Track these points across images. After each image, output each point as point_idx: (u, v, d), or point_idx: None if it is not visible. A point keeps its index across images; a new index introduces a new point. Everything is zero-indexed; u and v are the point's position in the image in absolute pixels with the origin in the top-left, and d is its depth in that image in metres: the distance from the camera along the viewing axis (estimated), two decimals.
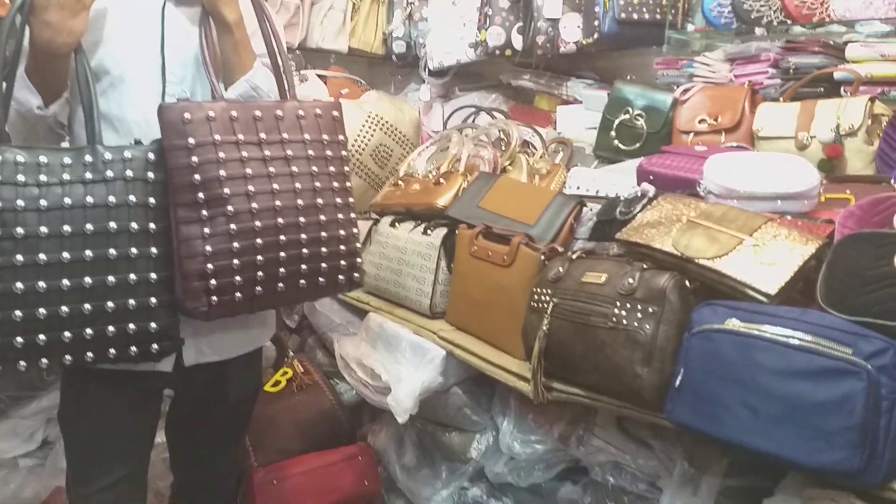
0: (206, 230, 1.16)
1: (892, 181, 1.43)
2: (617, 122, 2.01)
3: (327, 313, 2.16)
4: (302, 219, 1.25)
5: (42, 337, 1.09)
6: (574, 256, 1.42)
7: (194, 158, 1.15)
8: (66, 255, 1.11)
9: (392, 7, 2.98)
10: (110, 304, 1.14)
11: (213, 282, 1.17)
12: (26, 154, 1.11)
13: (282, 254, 1.23)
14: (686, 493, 1.31)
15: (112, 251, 1.14)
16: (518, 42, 2.46)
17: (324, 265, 1.30)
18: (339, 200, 1.32)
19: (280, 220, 1.22)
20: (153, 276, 1.18)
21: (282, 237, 1.22)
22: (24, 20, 1.15)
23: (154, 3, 1.32)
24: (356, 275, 1.38)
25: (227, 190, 1.17)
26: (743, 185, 1.40)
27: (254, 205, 1.19)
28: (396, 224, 1.94)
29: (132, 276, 1.16)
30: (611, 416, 1.47)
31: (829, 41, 1.83)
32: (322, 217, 1.28)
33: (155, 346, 1.20)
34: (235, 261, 1.18)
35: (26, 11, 1.14)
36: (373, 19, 3.00)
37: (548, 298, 1.38)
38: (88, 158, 1.15)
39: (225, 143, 1.18)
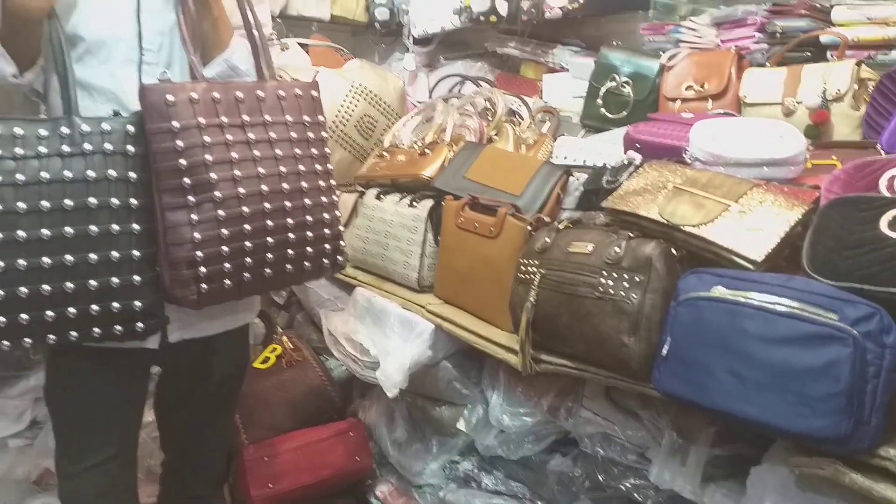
0: (194, 217, 1.14)
1: (879, 146, 1.42)
2: (603, 89, 1.99)
3: (315, 289, 2.15)
4: (288, 203, 1.23)
5: (24, 316, 1.08)
6: (561, 227, 1.41)
7: (179, 142, 1.12)
8: (45, 231, 1.08)
9: None
10: (93, 282, 1.12)
11: (202, 269, 1.15)
12: (1, 125, 1.07)
13: (269, 239, 1.22)
14: (675, 463, 1.31)
15: (93, 227, 1.12)
16: (503, 8, 2.41)
17: (309, 249, 1.29)
18: (321, 183, 1.30)
19: (266, 204, 1.20)
20: (136, 253, 1.16)
21: (269, 222, 1.21)
22: None
23: None
24: (339, 258, 1.37)
25: (213, 175, 1.14)
26: (729, 151, 1.39)
27: (240, 190, 1.17)
28: (382, 196, 1.92)
29: (114, 254, 1.14)
30: (599, 387, 1.47)
31: (816, 4, 1.81)
32: (307, 201, 1.27)
33: (140, 324, 1.19)
34: (224, 247, 1.16)
35: None
36: None
37: (535, 269, 1.37)
38: (65, 130, 1.12)
39: (209, 127, 1.15)
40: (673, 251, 1.23)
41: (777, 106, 1.64)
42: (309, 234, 1.28)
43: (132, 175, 1.15)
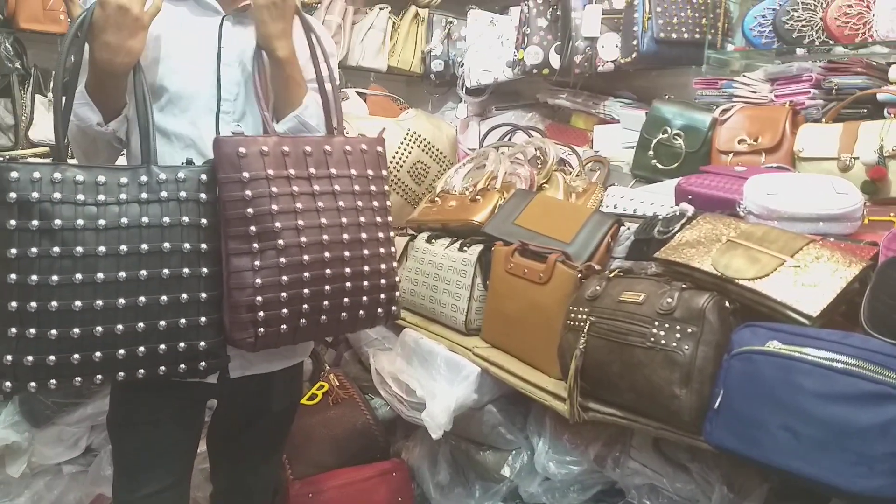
0: (257, 263, 1.19)
1: None
2: (655, 141, 2.01)
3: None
4: (347, 252, 1.28)
5: (98, 354, 1.12)
6: (611, 275, 1.42)
7: (248, 192, 1.19)
8: (122, 274, 1.13)
9: (431, 26, 3.02)
10: (163, 322, 1.17)
11: (260, 314, 1.20)
12: (85, 173, 1.14)
13: (326, 287, 1.26)
14: None
15: (165, 271, 1.17)
16: (556, 61, 2.47)
17: (365, 298, 1.33)
18: (380, 235, 1.35)
19: (327, 253, 1.25)
20: (203, 295, 1.20)
21: (328, 271, 1.26)
22: (84, 38, 1.19)
23: (211, 21, 1.36)
24: (394, 308, 1.40)
25: (278, 224, 1.20)
26: (784, 205, 1.39)
27: (303, 239, 1.23)
28: (433, 240, 1.96)
29: (184, 296, 1.19)
30: (648, 437, 1.46)
31: (872, 62, 1.81)
32: (365, 251, 1.31)
33: (203, 363, 1.23)
34: (283, 293, 1.21)
35: (86, 30, 1.18)
36: (412, 38, 3.05)
37: (584, 317, 1.38)
38: (144, 178, 1.18)
39: (277, 178, 1.21)
40: (726, 303, 1.23)
41: (833, 161, 1.63)
42: (365, 283, 1.32)
43: (203, 221, 1.21)
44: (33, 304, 1.07)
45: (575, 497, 1.62)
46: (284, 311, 1.22)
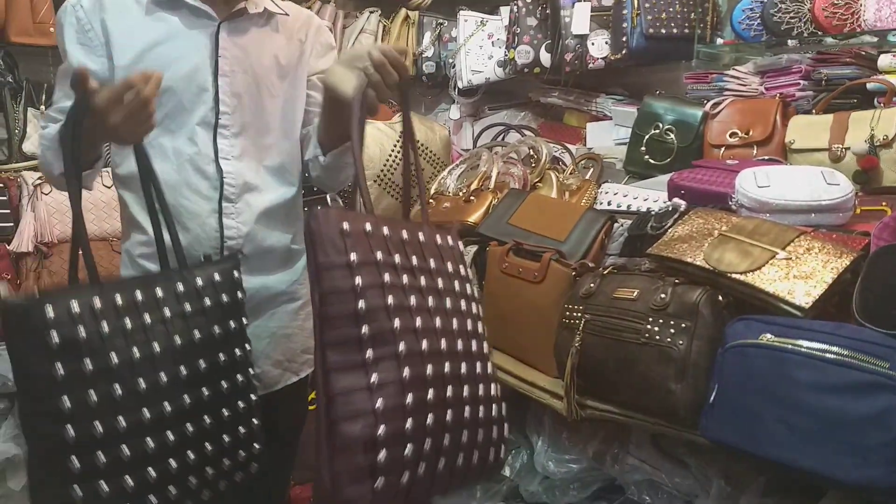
0: (374, 378, 0.84)
1: None
2: (647, 137, 2.01)
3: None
4: (464, 367, 0.96)
5: (153, 500, 0.96)
6: (605, 272, 1.42)
7: (358, 280, 0.86)
8: (187, 398, 1.01)
9: (422, 28, 3.02)
10: (209, 445, 1.04)
11: (382, 454, 0.83)
12: (122, 293, 0.97)
13: (448, 414, 0.92)
14: None
15: (224, 384, 1.07)
16: (546, 60, 2.47)
17: (481, 434, 0.98)
18: (485, 348, 1.05)
19: (447, 366, 0.93)
20: (241, 404, 1.11)
21: (448, 391, 0.92)
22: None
23: (206, 30, 1.28)
24: (503, 448, 1.06)
25: (397, 323, 0.88)
26: (776, 197, 1.39)
27: (424, 344, 0.90)
28: None
29: (241, 404, 1.10)
30: (645, 433, 1.46)
31: (861, 52, 1.81)
32: (478, 366, 1.00)
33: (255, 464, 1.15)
34: (408, 422, 0.86)
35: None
36: (403, 41, 3.04)
37: (579, 315, 1.38)
38: (181, 287, 1.05)
39: (386, 265, 0.91)
40: (719, 298, 1.24)
41: (824, 152, 1.63)
42: (481, 409, 0.98)
43: (244, 320, 1.13)
44: (101, 458, 0.90)
45: (575, 495, 1.62)
46: (409, 449, 0.86)
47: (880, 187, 1.55)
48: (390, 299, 0.88)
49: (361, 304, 0.86)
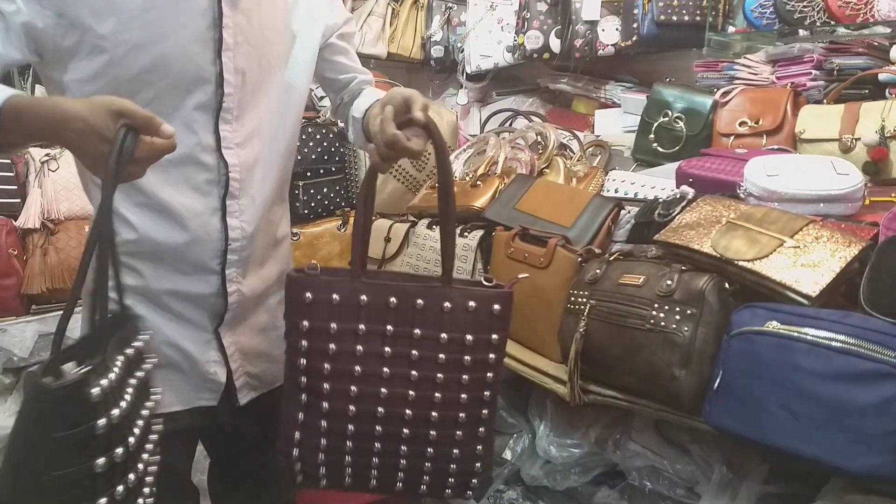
0: (301, 416, 1.10)
1: None
2: (656, 124, 2.00)
3: None
4: (405, 430, 1.09)
5: None
6: (611, 258, 1.42)
7: (303, 343, 1.07)
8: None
9: (431, 12, 3.01)
10: None
11: (298, 465, 1.13)
12: (127, 370, 0.86)
13: (374, 460, 1.12)
14: (725, 498, 1.30)
15: None
16: (556, 45, 2.46)
17: (426, 478, 1.13)
18: (462, 415, 1.09)
19: (378, 427, 1.09)
20: None
21: (377, 444, 1.10)
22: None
23: None
24: (469, 493, 1.18)
25: (327, 385, 1.07)
26: (785, 187, 1.38)
27: (351, 407, 1.07)
28: (433, 226, 1.96)
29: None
30: (648, 419, 1.46)
31: (874, 42, 1.80)
32: (432, 432, 1.09)
33: None
34: (321, 455, 1.11)
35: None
36: (412, 25, 3.03)
37: (585, 300, 1.38)
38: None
39: (342, 333, 1.05)
40: (726, 285, 1.23)
41: (834, 142, 1.62)
42: (427, 464, 1.11)
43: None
44: None
45: (576, 479, 1.63)
46: (322, 470, 1.13)
47: (890, 178, 1.54)
48: (327, 365, 1.06)
49: (303, 361, 1.07)
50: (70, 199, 2.18)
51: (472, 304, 1.06)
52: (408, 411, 1.07)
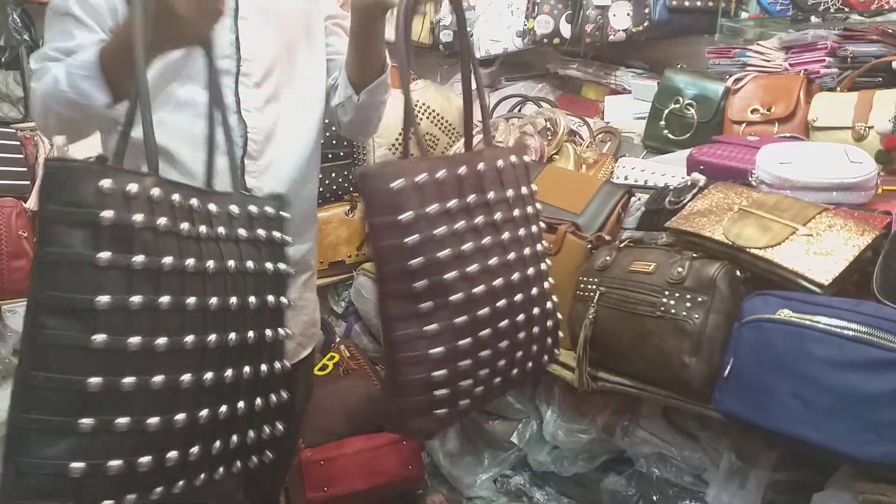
0: (430, 327, 0.92)
1: None
2: (667, 111, 1.99)
3: (374, 299, 2.19)
4: (518, 296, 1.02)
5: (173, 454, 0.79)
6: (621, 245, 1.42)
7: (408, 240, 0.90)
8: (233, 336, 0.86)
9: None
10: (244, 404, 0.90)
11: (441, 392, 0.93)
12: (179, 191, 0.81)
13: (502, 343, 1.01)
14: (733, 486, 1.30)
15: (268, 333, 0.94)
16: (566, 30, 2.44)
17: (534, 347, 1.08)
18: (542, 267, 1.10)
19: (500, 302, 0.99)
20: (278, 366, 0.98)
21: (501, 323, 1.00)
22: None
23: None
24: (556, 352, 1.16)
25: (448, 275, 0.92)
26: (798, 174, 1.37)
27: (475, 290, 0.96)
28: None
29: (277, 365, 0.96)
30: (656, 406, 1.47)
31: (888, 29, 1.78)
32: (534, 290, 1.06)
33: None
34: (463, 362, 0.95)
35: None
36: (420, 8, 3.01)
37: (594, 287, 1.38)
38: (235, 209, 0.92)
39: (439, 216, 0.93)
40: (737, 272, 1.23)
41: (847, 130, 1.61)
42: (535, 329, 1.07)
43: (282, 266, 1.00)
44: (128, 380, 0.73)
45: (583, 465, 1.64)
46: (466, 382, 0.96)
47: None
48: (443, 252, 0.91)
49: (413, 262, 0.89)
50: None
51: (514, 159, 1.06)
52: (514, 276, 1.01)
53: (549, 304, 1.10)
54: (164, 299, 0.76)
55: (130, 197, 0.74)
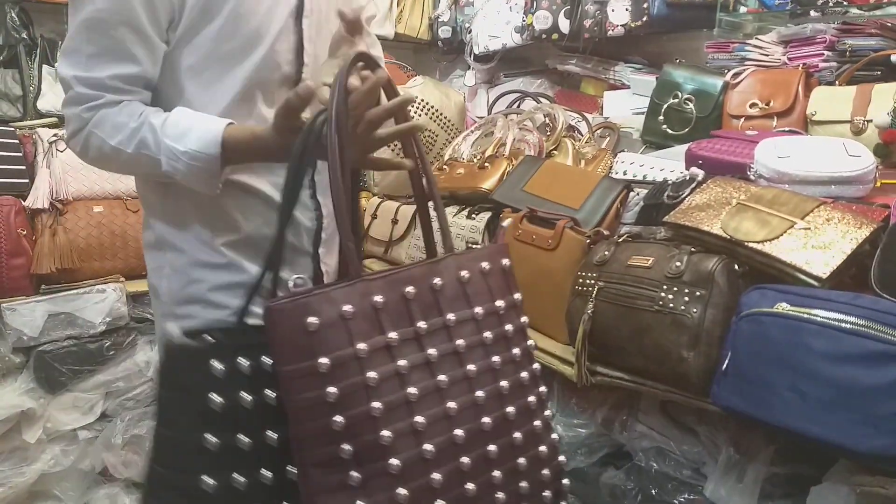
0: (361, 502, 0.73)
1: None
2: (665, 106, 1.99)
3: None
4: (492, 447, 0.82)
5: None
6: (620, 240, 1.42)
7: (330, 389, 0.72)
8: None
9: None
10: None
11: None
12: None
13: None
14: (731, 479, 1.30)
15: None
16: (565, 26, 2.44)
17: None
18: (531, 399, 0.89)
19: (465, 459, 0.79)
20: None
21: (468, 486, 0.79)
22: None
23: None
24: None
25: (387, 433, 0.73)
26: (796, 168, 1.37)
27: (426, 447, 0.76)
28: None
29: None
30: (655, 401, 1.47)
31: (887, 23, 1.78)
32: (516, 435, 0.85)
33: None
34: None
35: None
36: (419, 4, 3.02)
37: (593, 282, 1.38)
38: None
39: (374, 354, 0.75)
40: (735, 266, 1.23)
41: (846, 124, 1.61)
42: (524, 484, 0.86)
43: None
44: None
45: (582, 460, 1.63)
46: None
47: None
48: (379, 401, 0.73)
49: (338, 417, 0.72)
50: (78, 179, 2.18)
51: (484, 265, 0.88)
52: (485, 421, 0.82)
53: (542, 448, 0.88)
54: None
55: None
